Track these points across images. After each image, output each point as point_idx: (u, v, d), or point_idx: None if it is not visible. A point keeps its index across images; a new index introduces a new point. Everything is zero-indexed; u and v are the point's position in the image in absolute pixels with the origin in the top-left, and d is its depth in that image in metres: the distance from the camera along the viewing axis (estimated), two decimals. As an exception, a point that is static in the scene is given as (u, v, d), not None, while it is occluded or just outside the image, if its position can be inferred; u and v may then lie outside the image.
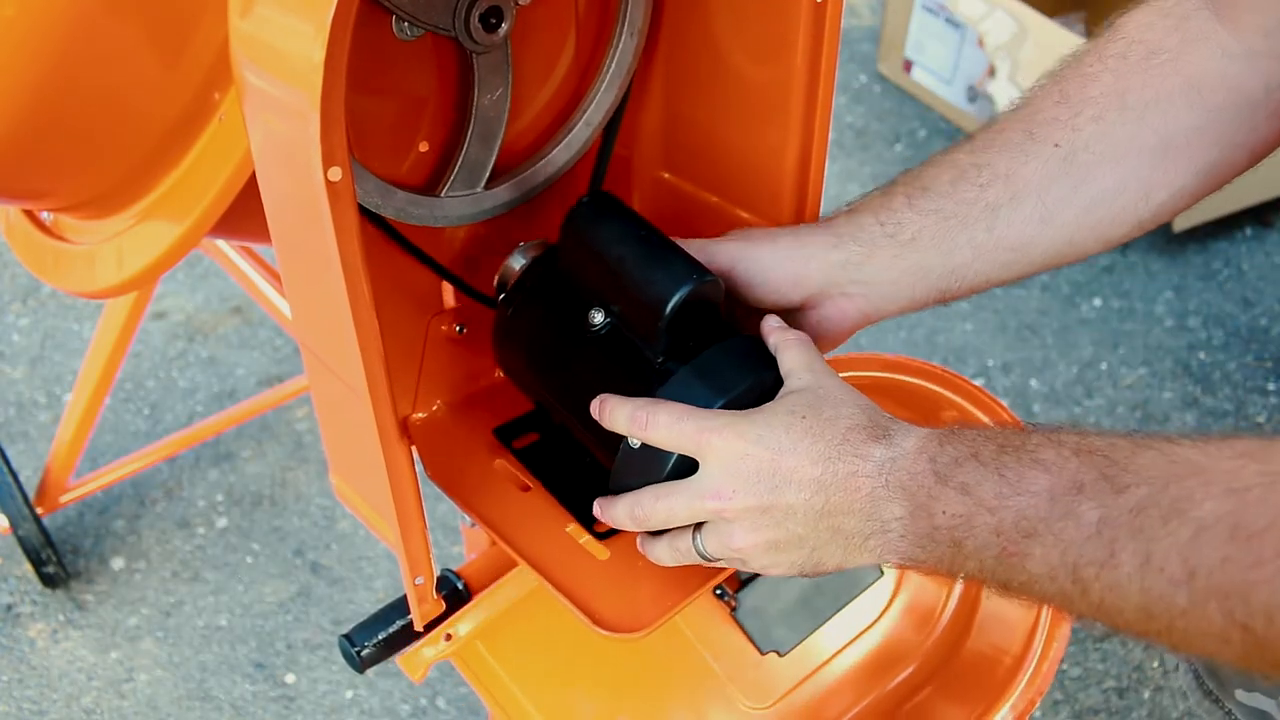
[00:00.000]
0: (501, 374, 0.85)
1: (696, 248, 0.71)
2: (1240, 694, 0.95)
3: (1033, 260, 0.70)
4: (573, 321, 0.71)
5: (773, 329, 0.68)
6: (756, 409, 0.63)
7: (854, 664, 0.83)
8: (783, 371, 0.66)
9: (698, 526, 0.65)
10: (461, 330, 0.81)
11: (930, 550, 0.57)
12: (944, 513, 0.56)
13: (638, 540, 0.70)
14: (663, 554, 0.67)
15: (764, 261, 0.71)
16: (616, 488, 0.68)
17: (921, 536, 0.57)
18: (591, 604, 0.69)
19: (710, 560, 0.65)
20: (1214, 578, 0.48)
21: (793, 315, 0.72)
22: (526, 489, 0.78)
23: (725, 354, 0.67)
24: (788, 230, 0.73)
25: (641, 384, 0.67)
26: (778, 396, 0.64)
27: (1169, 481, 0.50)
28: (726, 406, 0.65)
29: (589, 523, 0.75)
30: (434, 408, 0.83)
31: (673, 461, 0.64)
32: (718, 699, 0.80)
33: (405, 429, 0.81)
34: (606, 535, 0.74)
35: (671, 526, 0.65)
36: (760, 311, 0.72)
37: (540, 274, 0.74)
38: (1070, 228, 0.69)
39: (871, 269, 0.71)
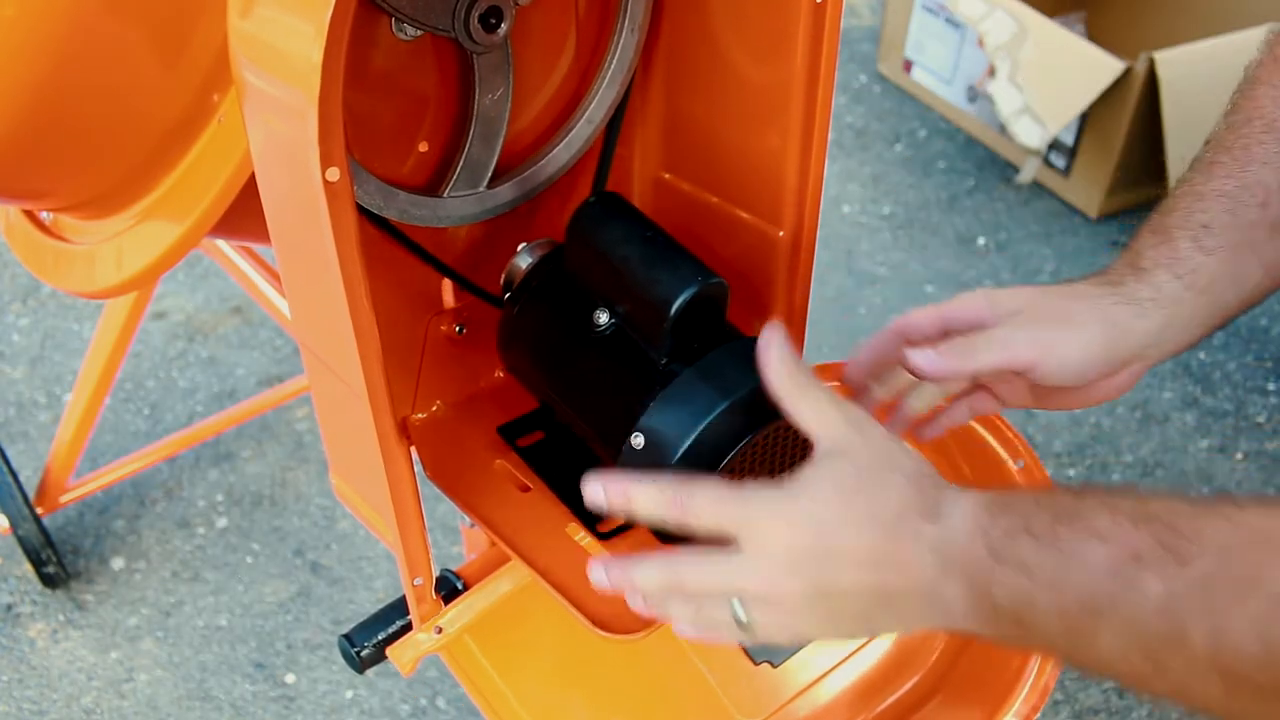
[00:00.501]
0: (501, 374, 0.85)
1: (992, 341, 0.67)
2: None
3: None
4: (578, 321, 0.71)
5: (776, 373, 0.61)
6: (799, 482, 0.57)
7: (852, 680, 0.82)
8: (812, 424, 0.59)
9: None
10: (461, 330, 0.81)
11: (995, 627, 0.54)
12: (1004, 592, 0.53)
13: (642, 600, 0.61)
14: (685, 624, 0.60)
15: (1072, 349, 0.67)
16: None
17: (983, 615, 0.54)
18: (589, 604, 0.69)
19: (748, 628, 0.58)
20: None
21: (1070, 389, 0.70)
22: (526, 489, 0.78)
23: (730, 356, 0.67)
24: (1077, 300, 0.69)
25: (645, 385, 0.67)
26: (820, 458, 0.58)
27: (1235, 551, 0.47)
28: (731, 408, 0.64)
29: (591, 523, 0.75)
30: (434, 408, 0.83)
31: (677, 459, 0.64)
32: (710, 709, 0.80)
33: (405, 429, 0.81)
34: (607, 536, 0.74)
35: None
36: (1052, 390, 0.70)
37: (546, 273, 0.74)
38: None
39: (1175, 329, 0.68)
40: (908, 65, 2.46)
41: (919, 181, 2.32)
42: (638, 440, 0.66)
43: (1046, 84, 2.13)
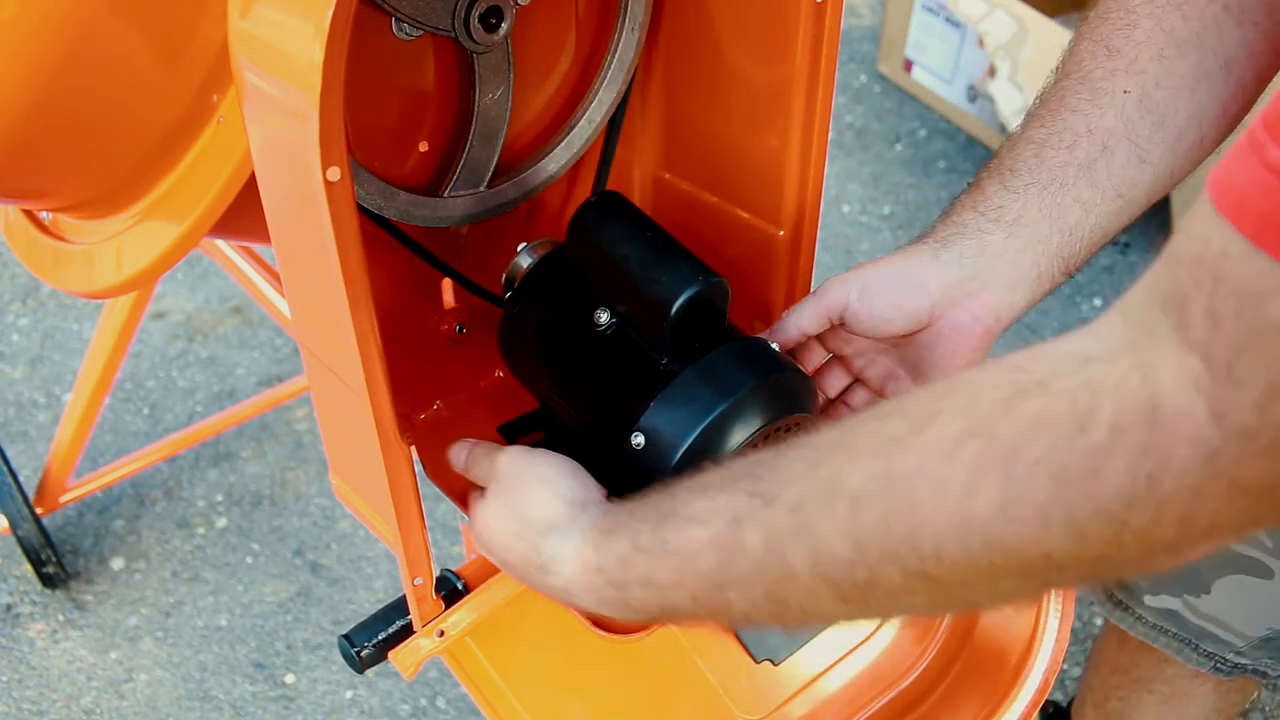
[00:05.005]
0: (501, 374, 0.85)
1: (814, 294, 0.71)
2: (1148, 599, 0.98)
3: (1138, 200, 0.70)
4: (578, 321, 0.71)
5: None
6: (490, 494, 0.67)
7: (852, 676, 0.82)
8: (488, 472, 0.69)
9: None
10: (461, 330, 0.81)
11: (662, 620, 0.61)
12: (642, 604, 0.58)
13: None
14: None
15: (877, 287, 0.70)
16: (620, 489, 0.68)
17: (641, 619, 0.60)
18: None
19: None
20: (880, 540, 0.48)
21: (920, 343, 0.71)
22: None
23: (729, 356, 0.67)
24: (895, 253, 0.73)
25: (645, 385, 0.67)
26: (495, 487, 0.67)
27: (815, 468, 0.51)
28: (731, 408, 0.64)
29: None
30: (434, 407, 0.83)
31: (677, 459, 0.64)
32: (710, 708, 0.80)
33: (405, 429, 0.81)
34: None
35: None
36: (875, 344, 0.73)
37: (547, 273, 0.74)
38: (1166, 161, 0.70)
39: (987, 259, 0.70)
40: (908, 65, 2.46)
41: (919, 181, 2.32)
42: (638, 440, 0.66)
43: (1046, 84, 2.12)
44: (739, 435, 0.65)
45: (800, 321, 0.72)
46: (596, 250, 0.70)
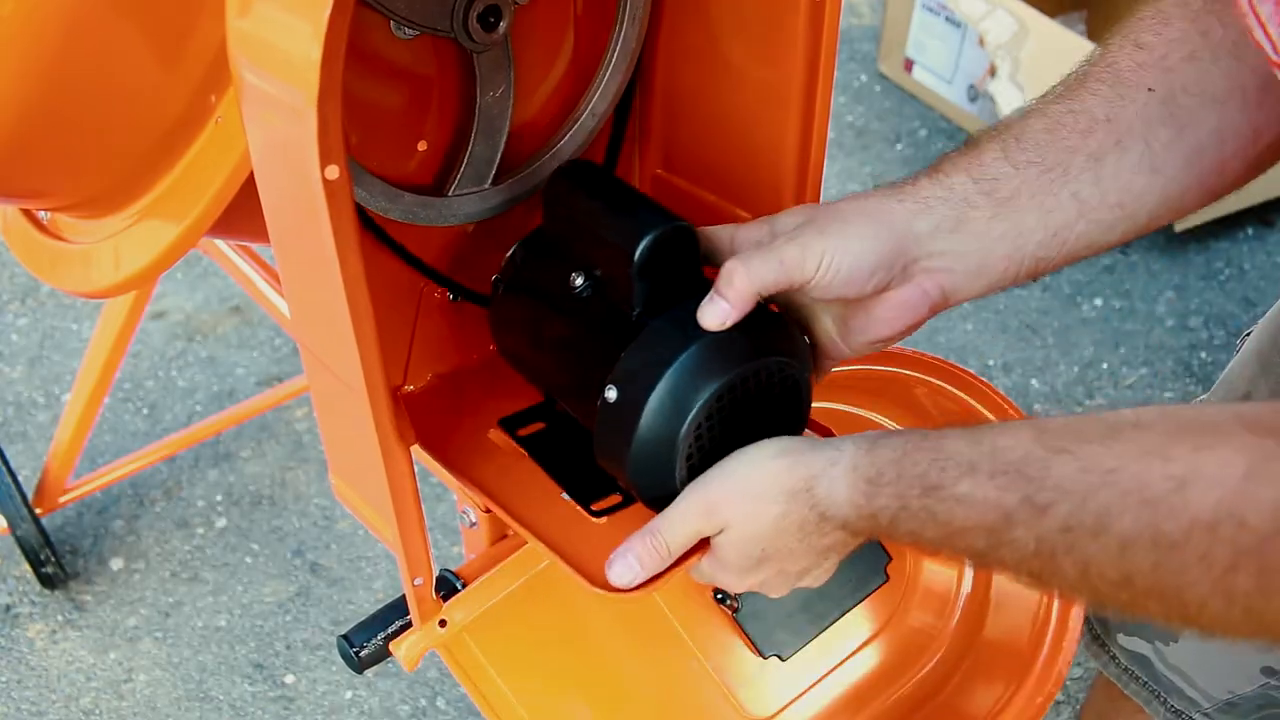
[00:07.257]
0: (495, 345, 0.85)
1: (768, 254, 0.63)
2: (1121, 638, 0.96)
3: (1138, 217, 0.64)
4: (557, 291, 0.70)
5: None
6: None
7: (862, 672, 0.81)
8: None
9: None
10: (455, 298, 0.81)
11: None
12: (908, 541, 0.60)
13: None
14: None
15: (843, 248, 0.62)
16: (600, 447, 0.67)
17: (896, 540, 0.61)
18: (584, 564, 0.68)
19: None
20: (1149, 579, 0.51)
21: (860, 306, 0.66)
22: (521, 455, 0.77)
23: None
24: (857, 202, 0.65)
25: (618, 339, 0.66)
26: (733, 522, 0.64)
27: (1086, 496, 0.52)
28: (700, 351, 0.63)
29: (585, 501, 0.74)
30: (427, 379, 0.82)
31: (648, 406, 0.63)
32: (717, 706, 0.80)
33: (397, 400, 0.80)
34: (603, 515, 0.73)
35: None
36: (832, 303, 0.66)
37: (527, 254, 0.74)
38: (1179, 178, 0.63)
39: (963, 236, 0.63)
40: (908, 64, 2.45)
41: (919, 181, 2.32)
42: (611, 394, 0.65)
43: (1047, 83, 2.12)
44: (714, 380, 0.63)
45: (762, 285, 0.62)
46: (568, 215, 0.70)
